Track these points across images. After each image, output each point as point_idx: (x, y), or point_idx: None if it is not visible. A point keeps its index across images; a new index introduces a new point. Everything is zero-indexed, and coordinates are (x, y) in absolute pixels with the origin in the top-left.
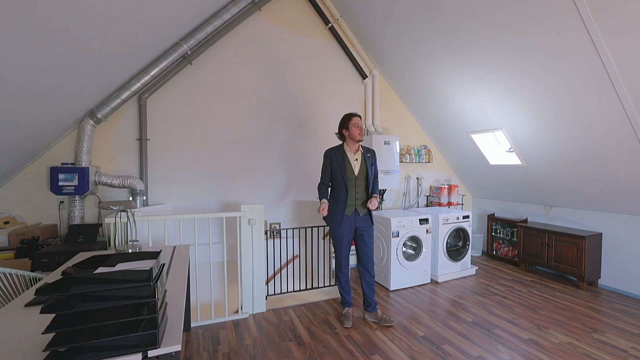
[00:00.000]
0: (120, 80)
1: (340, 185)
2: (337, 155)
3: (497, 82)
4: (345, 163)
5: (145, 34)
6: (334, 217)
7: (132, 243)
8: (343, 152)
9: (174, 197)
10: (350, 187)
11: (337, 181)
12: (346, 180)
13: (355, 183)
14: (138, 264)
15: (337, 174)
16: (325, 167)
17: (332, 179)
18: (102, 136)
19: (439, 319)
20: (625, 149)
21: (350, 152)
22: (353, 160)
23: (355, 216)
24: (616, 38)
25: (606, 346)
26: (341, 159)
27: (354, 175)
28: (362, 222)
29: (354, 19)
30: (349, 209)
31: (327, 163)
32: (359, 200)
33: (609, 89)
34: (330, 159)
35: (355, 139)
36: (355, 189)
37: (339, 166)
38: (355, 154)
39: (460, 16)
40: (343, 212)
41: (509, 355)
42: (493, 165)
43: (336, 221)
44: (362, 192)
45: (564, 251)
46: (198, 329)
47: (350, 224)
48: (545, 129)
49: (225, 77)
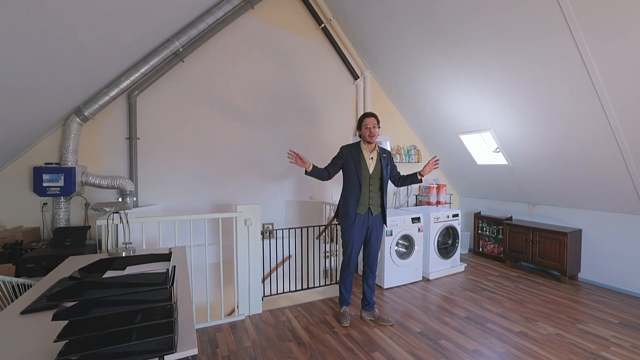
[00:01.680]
0: (109, 76)
1: (354, 182)
2: (353, 152)
3: (486, 85)
4: (361, 160)
5: (136, 29)
6: (346, 215)
7: (126, 245)
8: (359, 149)
9: (165, 198)
10: (365, 184)
11: (351, 178)
12: (360, 178)
13: (370, 181)
14: (149, 267)
15: (352, 171)
16: (336, 158)
17: (346, 175)
18: (89, 135)
19: (433, 315)
20: (604, 150)
21: (366, 150)
22: (368, 158)
23: (368, 216)
24: (600, 45)
25: (590, 335)
26: (357, 156)
27: (369, 174)
28: (374, 222)
29: (347, 20)
30: (362, 208)
31: (340, 157)
32: (372, 200)
33: (591, 94)
34: (345, 155)
35: (365, 139)
36: (370, 187)
37: (354, 163)
38: (371, 153)
39: (452, 20)
40: (355, 210)
41: (503, 347)
42: (480, 165)
43: (348, 219)
44: (377, 191)
45: (547, 247)
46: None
47: (362, 224)
48: (531, 130)
49: (217, 76)
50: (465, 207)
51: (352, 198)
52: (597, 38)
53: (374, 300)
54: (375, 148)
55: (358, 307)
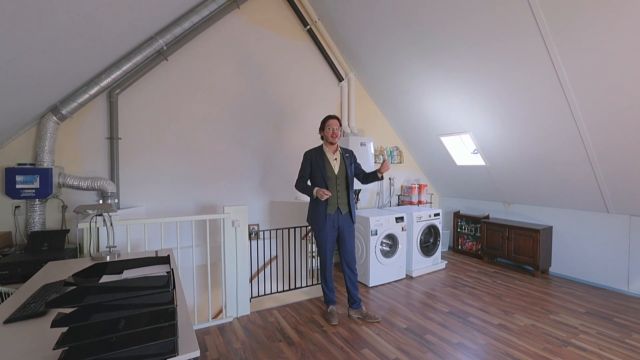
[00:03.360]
0: (89, 74)
1: (321, 184)
2: (316, 156)
3: (465, 88)
4: (325, 162)
5: (119, 25)
6: (317, 217)
7: (110, 249)
8: (322, 152)
9: (148, 200)
10: (331, 185)
11: (318, 181)
12: (326, 179)
13: (336, 182)
14: (147, 270)
15: (317, 174)
16: (304, 166)
17: (312, 179)
18: (66, 134)
19: (418, 311)
20: (573, 154)
21: (329, 152)
22: (332, 160)
23: (338, 215)
24: (570, 55)
25: (561, 325)
26: (320, 159)
27: (334, 174)
28: (344, 221)
29: (332, 22)
30: (331, 208)
31: (307, 163)
32: (340, 199)
33: (562, 101)
34: (310, 159)
35: (328, 140)
36: (337, 187)
37: (319, 166)
38: (334, 154)
39: (432, 24)
40: (325, 211)
41: (484, 339)
42: (459, 166)
43: (319, 221)
44: (343, 191)
45: (521, 244)
46: None
47: (333, 223)
48: (507, 133)
49: (202, 75)
50: (445, 206)
51: (321, 200)
52: (567, 47)
53: (360, 298)
54: (338, 149)
55: (345, 306)
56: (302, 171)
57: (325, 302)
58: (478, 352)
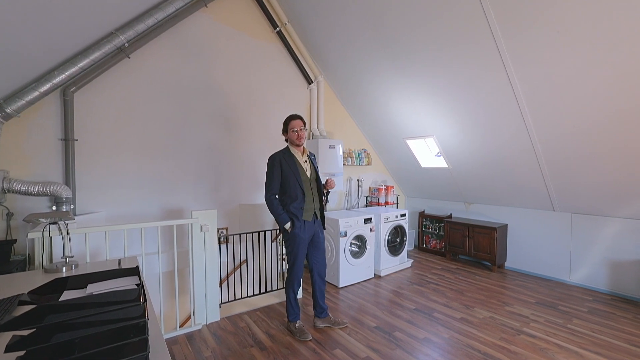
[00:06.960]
0: (39, 69)
1: (296, 190)
2: (286, 159)
3: (429, 94)
4: (297, 166)
5: (73, 16)
6: (294, 226)
7: (66, 260)
8: (292, 155)
9: (107, 205)
10: (307, 189)
11: (291, 186)
12: (301, 184)
13: (310, 185)
14: (114, 283)
15: (291, 179)
16: (274, 173)
17: (285, 184)
18: (11, 135)
19: (386, 310)
20: (524, 156)
21: (298, 154)
22: (303, 162)
23: (314, 221)
24: (524, 68)
25: (515, 315)
26: (291, 162)
27: (308, 178)
28: (318, 227)
29: (301, 25)
30: (307, 214)
31: (276, 169)
32: (316, 204)
33: (515, 109)
34: (280, 164)
35: (292, 143)
36: (312, 191)
37: (291, 170)
38: (303, 156)
39: (398, 29)
40: (302, 218)
41: (448, 333)
42: (424, 168)
43: (296, 230)
44: (317, 195)
45: (480, 241)
46: None
47: (310, 231)
48: (468, 138)
49: (166, 75)
50: (411, 206)
51: (297, 207)
52: (521, 63)
53: (327, 305)
54: (306, 151)
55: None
56: (271, 181)
57: (290, 319)
58: (443, 346)
